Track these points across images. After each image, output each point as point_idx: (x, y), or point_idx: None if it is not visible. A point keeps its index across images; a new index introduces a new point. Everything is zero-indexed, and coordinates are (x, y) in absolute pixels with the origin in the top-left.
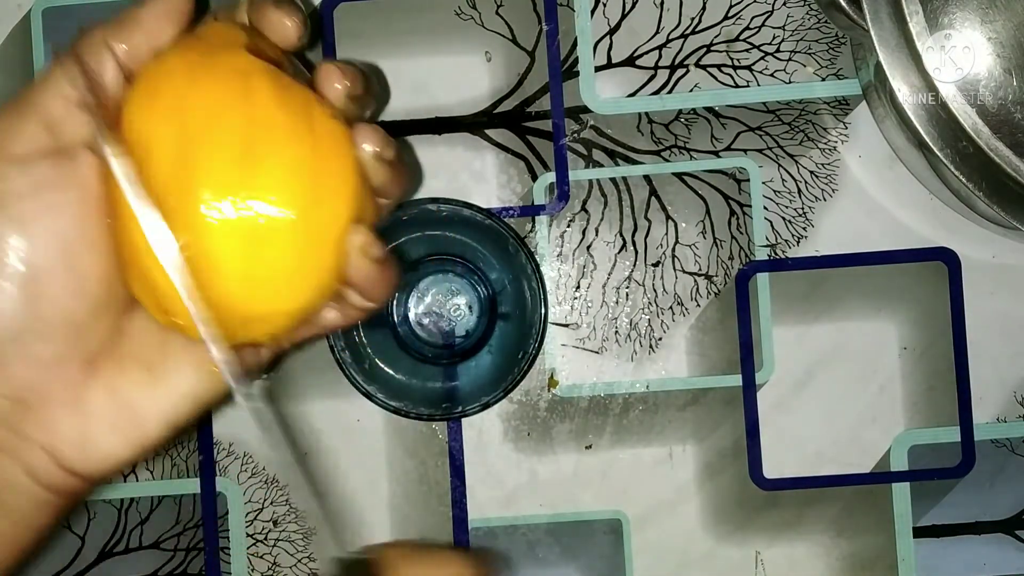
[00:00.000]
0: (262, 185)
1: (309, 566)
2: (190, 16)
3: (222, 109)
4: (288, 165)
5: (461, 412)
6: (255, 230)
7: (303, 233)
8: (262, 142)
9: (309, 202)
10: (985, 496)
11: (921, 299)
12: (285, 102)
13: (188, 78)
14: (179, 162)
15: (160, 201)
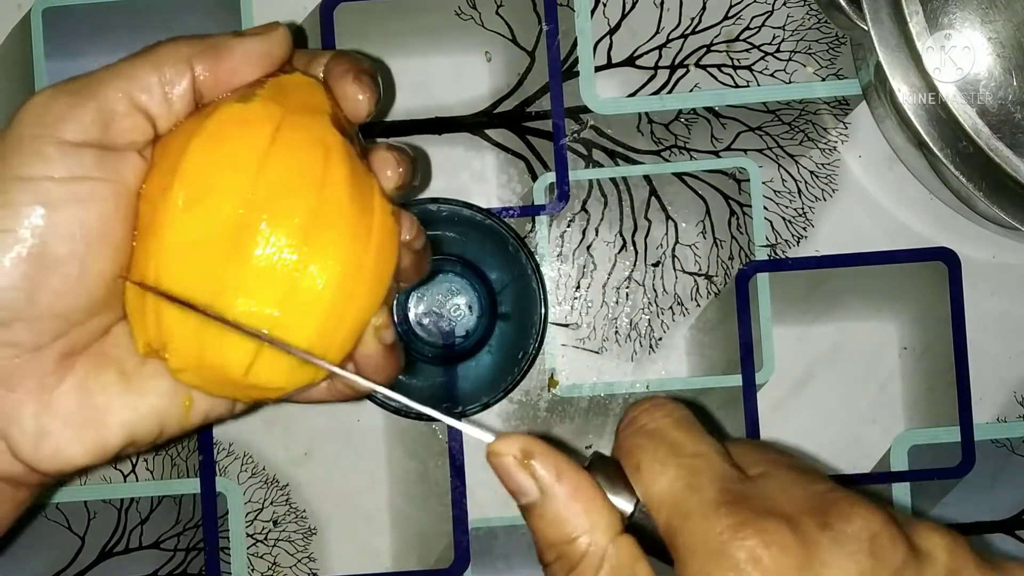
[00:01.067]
0: (317, 257)
1: (309, 566)
2: (283, 64)
3: (299, 180)
4: (340, 255)
5: (461, 412)
6: (295, 296)
7: (328, 320)
8: (325, 225)
9: (346, 294)
10: (985, 496)
11: (921, 299)
12: (355, 189)
13: (272, 135)
14: (244, 211)
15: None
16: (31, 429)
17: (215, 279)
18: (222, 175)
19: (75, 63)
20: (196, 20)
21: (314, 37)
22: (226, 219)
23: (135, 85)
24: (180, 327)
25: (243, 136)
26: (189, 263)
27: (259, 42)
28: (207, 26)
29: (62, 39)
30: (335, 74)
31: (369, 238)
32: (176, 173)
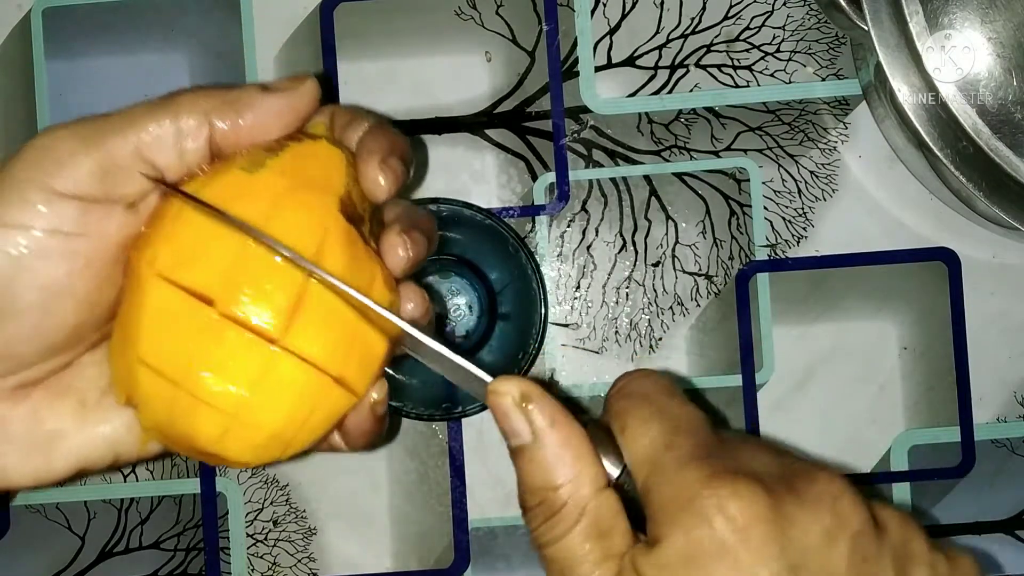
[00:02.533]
0: (294, 347)
1: (309, 566)
2: (305, 122)
3: (286, 264)
4: (326, 337)
5: (461, 412)
6: (269, 379)
7: (298, 409)
8: (311, 308)
9: (330, 380)
10: (985, 496)
11: (921, 299)
12: (349, 271)
13: (268, 208)
14: (227, 281)
15: (189, 308)
16: None
17: (188, 352)
18: (208, 247)
19: (75, 63)
20: (196, 20)
21: (314, 37)
22: (207, 294)
23: (148, 136)
24: (153, 394)
25: (238, 210)
26: (165, 332)
27: (283, 98)
28: (207, 26)
29: (62, 39)
30: (364, 150)
31: (356, 331)
32: (164, 238)
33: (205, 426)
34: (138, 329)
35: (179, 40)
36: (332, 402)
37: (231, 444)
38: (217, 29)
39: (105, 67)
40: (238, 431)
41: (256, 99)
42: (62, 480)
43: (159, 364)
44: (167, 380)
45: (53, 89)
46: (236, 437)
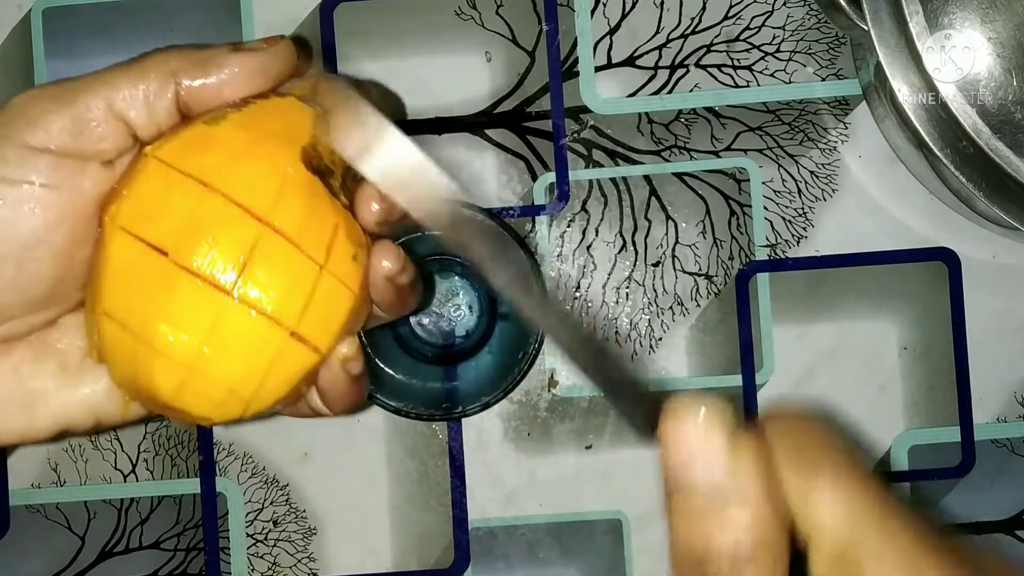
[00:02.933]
0: (246, 296)
1: (309, 566)
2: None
3: (241, 209)
4: (280, 287)
5: (461, 412)
6: (221, 330)
7: (255, 360)
8: (264, 257)
9: (284, 332)
10: (985, 496)
11: (921, 299)
12: (307, 225)
13: (227, 159)
14: (184, 232)
15: (147, 259)
16: None
17: (146, 303)
18: (166, 198)
19: (75, 63)
20: (196, 20)
21: (314, 37)
22: (163, 246)
23: (117, 93)
24: (117, 347)
25: (196, 160)
26: (124, 284)
27: (254, 57)
28: (207, 26)
29: (62, 39)
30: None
31: (315, 283)
32: (126, 193)
33: (163, 378)
34: (101, 282)
35: (179, 40)
36: (291, 357)
37: (189, 398)
38: (217, 29)
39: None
40: (195, 384)
41: (226, 58)
42: (46, 439)
43: (121, 316)
44: (128, 332)
45: None
46: (194, 390)
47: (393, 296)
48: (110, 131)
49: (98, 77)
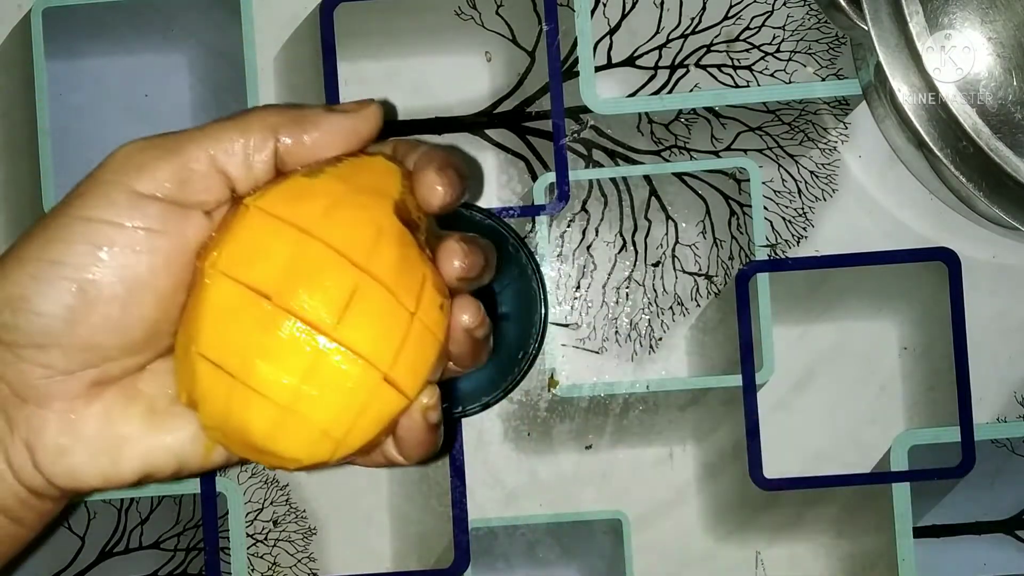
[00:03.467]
0: (345, 338)
1: (309, 566)
2: (367, 144)
3: (340, 256)
4: (376, 331)
5: (461, 412)
6: (320, 370)
7: (350, 401)
8: (363, 302)
9: (372, 379)
10: (985, 496)
11: (921, 299)
12: (401, 273)
13: (326, 209)
14: (283, 280)
15: (248, 302)
16: (52, 445)
17: (245, 344)
18: (268, 244)
19: (75, 63)
20: (196, 20)
21: (314, 36)
22: (265, 289)
23: (220, 147)
24: (212, 388)
25: (296, 209)
26: (224, 326)
27: (347, 119)
28: (207, 26)
29: (62, 39)
30: (420, 162)
31: (407, 330)
32: (226, 240)
33: (258, 418)
34: (198, 324)
35: (179, 40)
36: (382, 401)
37: (283, 439)
38: (217, 29)
39: (105, 67)
40: (290, 424)
41: (321, 118)
42: (129, 484)
43: (217, 356)
44: (224, 372)
45: (53, 89)
46: (288, 431)
47: (469, 349)
48: (212, 184)
49: (203, 131)
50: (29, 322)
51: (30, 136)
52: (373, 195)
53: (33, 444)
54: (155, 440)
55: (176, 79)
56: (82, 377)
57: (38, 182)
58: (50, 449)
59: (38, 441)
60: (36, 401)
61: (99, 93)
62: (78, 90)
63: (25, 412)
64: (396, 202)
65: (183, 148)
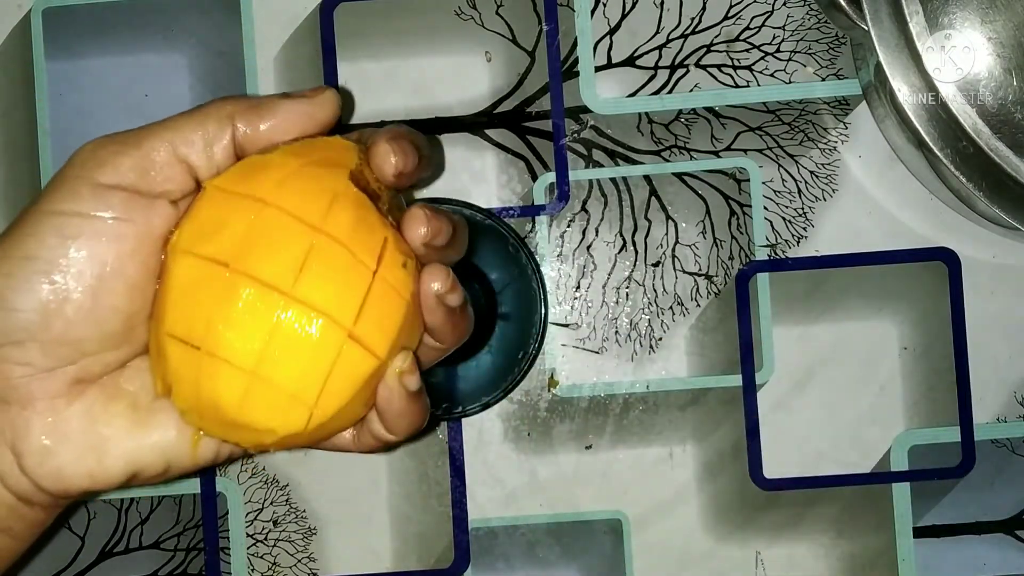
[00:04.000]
0: (304, 297)
1: (309, 566)
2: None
3: (296, 219)
4: (335, 288)
5: (461, 412)
6: (281, 331)
7: (313, 363)
8: (320, 260)
9: (343, 333)
10: (985, 496)
11: (921, 299)
12: (358, 233)
13: (280, 179)
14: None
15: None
16: (37, 446)
17: (209, 314)
18: (224, 217)
19: (75, 63)
20: (196, 20)
21: (314, 37)
22: (223, 259)
23: (179, 137)
24: (181, 366)
25: (251, 182)
26: (188, 300)
27: (302, 103)
28: (207, 26)
29: (62, 39)
30: (376, 135)
31: (368, 286)
32: (185, 218)
33: (227, 388)
34: (165, 305)
35: (179, 40)
36: (350, 360)
37: (253, 407)
38: (217, 29)
39: (105, 67)
40: (258, 390)
41: (277, 104)
42: (117, 484)
43: (184, 332)
44: (191, 348)
45: (53, 89)
46: (257, 398)
47: (444, 318)
48: (175, 173)
49: (163, 124)
50: (6, 319)
51: (30, 136)
52: (328, 166)
53: (18, 447)
54: (140, 438)
55: (176, 79)
56: (62, 375)
57: (38, 182)
58: (35, 451)
59: (23, 444)
60: (19, 402)
61: (99, 93)
62: (78, 90)
63: (9, 415)
64: (352, 171)
65: (143, 140)
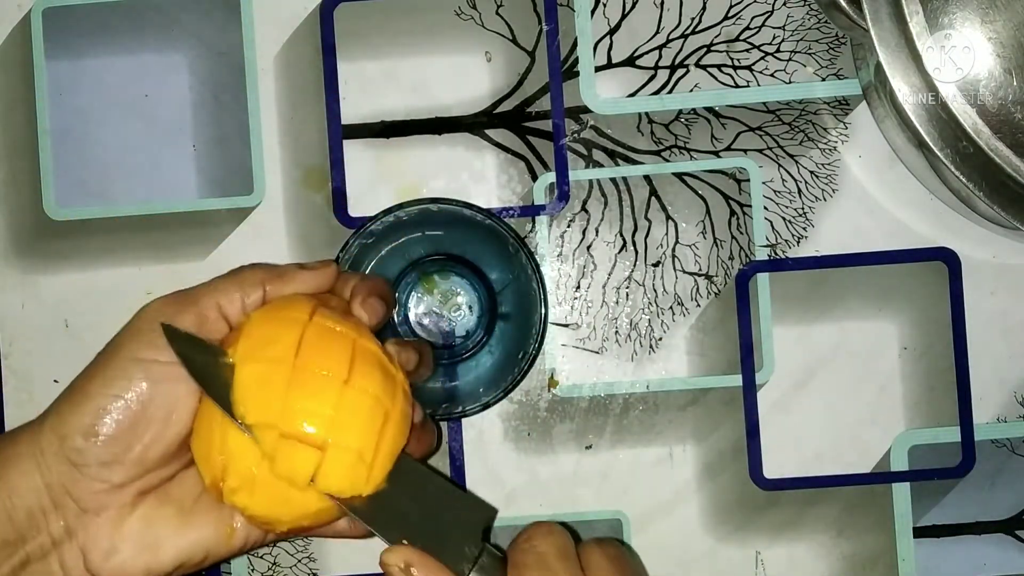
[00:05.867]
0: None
1: (309, 566)
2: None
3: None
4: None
5: (461, 412)
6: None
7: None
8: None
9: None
10: (985, 496)
11: (921, 299)
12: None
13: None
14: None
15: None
16: (104, 547)
17: (281, 400)
18: (278, 333)
19: (76, 63)
20: (196, 20)
21: (314, 37)
22: (284, 358)
23: (224, 297)
24: (247, 452)
25: (289, 309)
26: (259, 392)
27: (314, 275)
28: (207, 26)
29: (62, 39)
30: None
31: (395, 385)
32: (241, 334)
33: (303, 459)
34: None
35: (179, 40)
36: (392, 432)
37: (328, 468)
38: (217, 29)
39: (105, 67)
40: (332, 452)
41: (295, 273)
42: (167, 574)
43: (257, 418)
44: (266, 428)
45: (53, 89)
46: (331, 459)
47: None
48: (220, 324)
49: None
50: (99, 446)
51: (30, 136)
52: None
53: (87, 548)
54: (186, 535)
55: (176, 79)
56: (131, 488)
57: (38, 182)
58: (102, 551)
59: (91, 545)
60: (94, 511)
61: (99, 93)
62: (78, 90)
63: (84, 521)
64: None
65: (199, 300)
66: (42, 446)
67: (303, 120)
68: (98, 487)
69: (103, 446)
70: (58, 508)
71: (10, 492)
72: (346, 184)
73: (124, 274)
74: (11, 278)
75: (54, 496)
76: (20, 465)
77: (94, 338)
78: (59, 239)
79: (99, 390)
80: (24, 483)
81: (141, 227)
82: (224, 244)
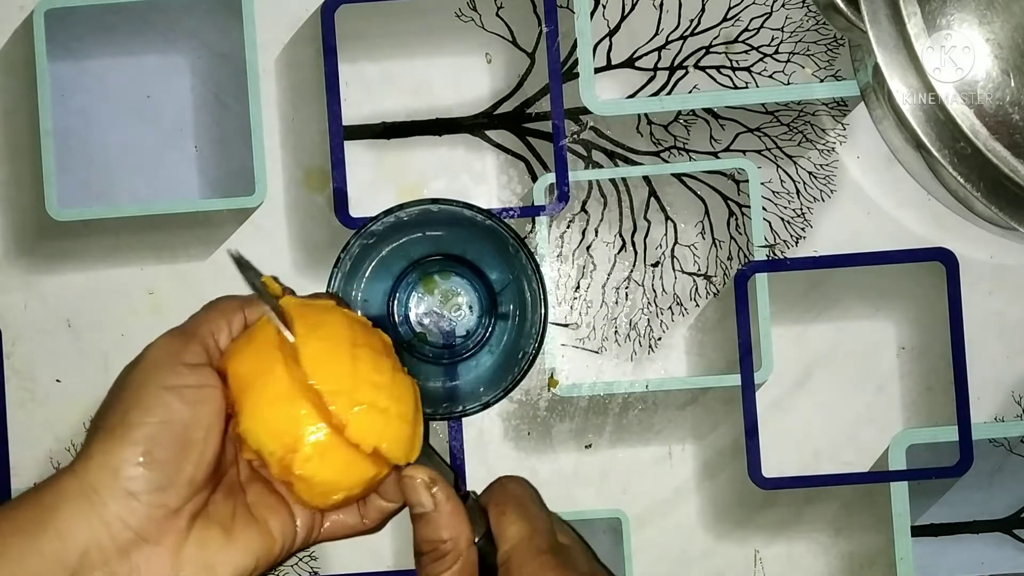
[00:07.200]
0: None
1: (310, 565)
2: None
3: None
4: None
5: (461, 412)
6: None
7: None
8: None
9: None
10: (983, 495)
11: (919, 299)
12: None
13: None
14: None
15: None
16: (166, 574)
17: (351, 372)
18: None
19: (77, 64)
20: (198, 21)
21: (315, 38)
22: (344, 337)
23: (214, 326)
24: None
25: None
26: (328, 364)
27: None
28: (209, 27)
29: (64, 40)
30: None
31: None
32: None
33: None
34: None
35: (181, 41)
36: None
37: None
38: (219, 30)
39: (107, 68)
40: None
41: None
42: None
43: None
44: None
45: (55, 90)
46: (393, 428)
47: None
48: (216, 353)
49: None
50: (154, 472)
51: (32, 137)
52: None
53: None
54: (235, 550)
55: (178, 80)
56: (184, 512)
57: (40, 183)
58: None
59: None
60: (155, 540)
61: (101, 94)
62: (80, 91)
63: (145, 552)
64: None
65: (197, 330)
66: (93, 484)
67: (304, 121)
68: (157, 513)
69: (158, 471)
70: (116, 544)
71: (60, 535)
72: (347, 185)
73: (126, 274)
74: (13, 278)
75: (112, 532)
76: (71, 507)
77: (96, 338)
78: (61, 239)
79: (141, 419)
80: (78, 524)
81: (143, 227)
82: (225, 244)
